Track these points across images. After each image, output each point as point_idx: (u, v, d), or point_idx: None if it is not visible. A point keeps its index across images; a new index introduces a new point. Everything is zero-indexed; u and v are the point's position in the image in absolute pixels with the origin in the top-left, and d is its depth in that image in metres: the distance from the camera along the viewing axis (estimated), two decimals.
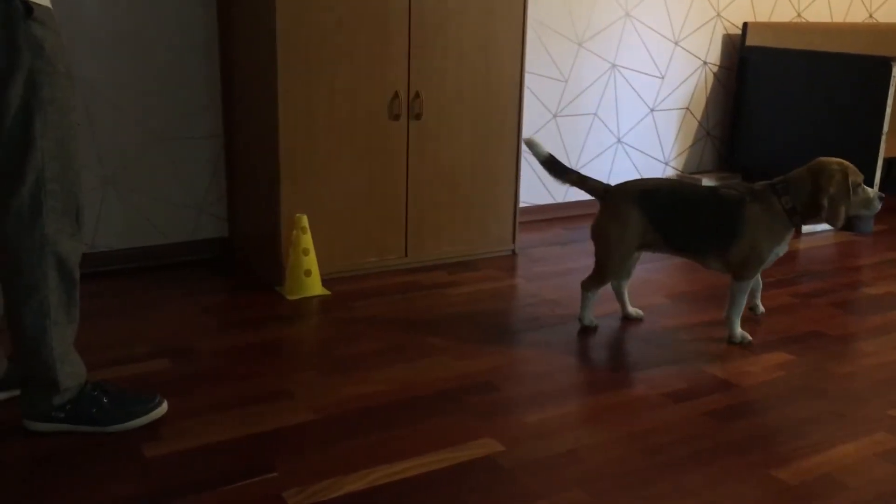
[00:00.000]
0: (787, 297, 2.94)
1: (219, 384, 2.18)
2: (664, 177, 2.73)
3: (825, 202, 2.34)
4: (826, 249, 3.56)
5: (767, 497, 1.73)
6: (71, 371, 1.89)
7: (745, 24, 4.20)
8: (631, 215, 2.46)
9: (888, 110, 3.65)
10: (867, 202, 2.40)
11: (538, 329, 2.60)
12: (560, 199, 3.93)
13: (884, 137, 3.69)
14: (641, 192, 2.47)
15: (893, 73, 3.60)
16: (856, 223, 3.77)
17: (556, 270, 3.17)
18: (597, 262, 2.58)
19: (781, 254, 2.49)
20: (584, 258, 3.28)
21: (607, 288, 2.67)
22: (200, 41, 3.03)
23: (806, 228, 3.74)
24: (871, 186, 3.71)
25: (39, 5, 1.69)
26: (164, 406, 2.01)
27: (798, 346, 2.53)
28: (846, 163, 2.39)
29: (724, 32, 4.23)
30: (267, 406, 2.07)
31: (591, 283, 2.60)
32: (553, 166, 2.58)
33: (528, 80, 3.67)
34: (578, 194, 3.94)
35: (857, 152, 3.74)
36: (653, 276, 3.13)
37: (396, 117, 2.95)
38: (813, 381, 2.29)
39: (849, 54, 3.86)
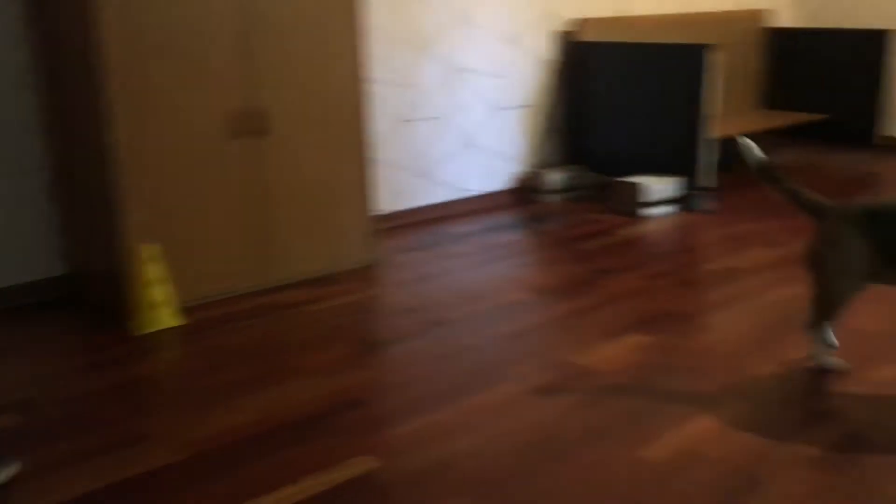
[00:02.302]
0: (637, 280, 3.07)
1: (75, 434, 2.05)
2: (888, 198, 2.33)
3: None
4: (670, 230, 3.75)
5: (634, 478, 1.80)
6: None
7: (580, 21, 4.36)
8: (853, 239, 2.10)
9: (709, 93, 3.89)
10: None
11: (401, 339, 2.60)
12: (420, 203, 3.95)
13: (707, 119, 3.92)
14: (865, 213, 2.10)
15: (706, 59, 3.83)
16: (693, 202, 3.99)
17: (415, 277, 3.18)
18: (820, 296, 2.19)
19: None
20: (444, 261, 3.31)
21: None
22: (13, 71, 2.84)
23: (651, 210, 3.93)
24: (696, 166, 3.95)
25: None
26: (15, 467, 1.87)
27: (652, 326, 2.64)
28: None
29: (562, 29, 4.38)
30: (129, 451, 1.96)
31: (817, 320, 2.23)
32: (765, 173, 2.26)
33: (374, 87, 3.66)
34: (440, 196, 3.98)
35: (687, 136, 3.98)
36: (515, 273, 3.20)
37: (239, 135, 2.87)
38: (668, 359, 2.41)
39: (671, 44, 4.08)
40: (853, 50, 5.17)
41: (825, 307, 2.18)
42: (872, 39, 5.06)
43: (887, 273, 2.10)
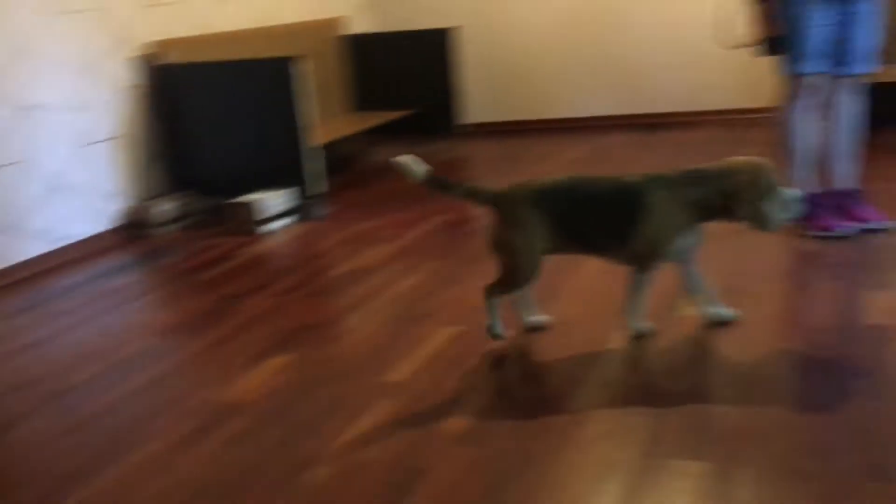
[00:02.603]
0: (268, 300, 3.02)
1: None
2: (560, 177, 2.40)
3: (745, 209, 2.19)
4: (288, 244, 3.75)
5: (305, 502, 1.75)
6: None
7: (159, 43, 4.15)
8: (530, 219, 2.27)
9: (303, 103, 3.95)
10: (786, 205, 2.23)
11: (14, 423, 2.26)
12: (10, 262, 3.47)
13: (307, 129, 3.98)
14: (536, 193, 2.29)
15: (293, 70, 3.90)
16: (308, 211, 4.03)
17: (19, 346, 2.79)
18: (505, 272, 2.35)
19: (691, 247, 2.34)
20: (51, 322, 2.95)
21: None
22: None
23: (268, 227, 3.89)
24: (304, 175, 4.00)
25: None
26: None
27: (291, 344, 2.61)
28: (759, 162, 2.24)
29: (142, 53, 4.13)
30: None
31: (497, 289, 2.39)
32: (435, 183, 2.34)
33: None
34: (34, 249, 3.53)
35: (291, 147, 4.00)
36: (136, 318, 2.95)
37: None
38: (313, 373, 2.39)
39: (257, 59, 4.07)
40: (425, 49, 5.61)
41: (512, 283, 2.36)
42: (438, 38, 5.54)
43: (566, 245, 2.32)
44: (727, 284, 2.66)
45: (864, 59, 2.99)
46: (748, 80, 5.09)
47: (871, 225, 3.02)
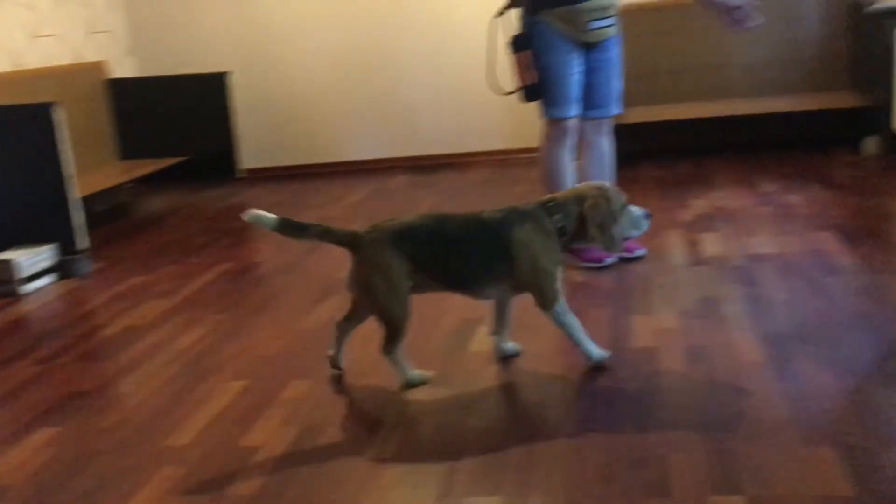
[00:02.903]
0: (31, 367, 2.75)
1: None
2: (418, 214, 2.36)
3: (594, 231, 2.28)
4: (52, 304, 3.45)
5: None
6: None
7: None
8: (391, 260, 2.22)
9: (63, 152, 3.68)
10: (635, 222, 2.37)
11: None
12: None
13: (68, 180, 3.70)
14: (395, 234, 2.24)
15: (53, 117, 3.62)
16: (72, 268, 3.73)
17: None
18: (383, 320, 2.28)
19: (560, 276, 2.35)
20: None
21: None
22: None
23: (28, 286, 3.56)
24: (67, 229, 3.72)
25: None
26: None
27: (60, 415, 2.38)
28: (606, 185, 2.36)
29: None
30: None
31: (391, 343, 2.29)
32: (290, 228, 2.28)
33: None
34: None
35: (51, 200, 3.70)
36: None
37: None
38: (87, 444, 2.19)
39: (9, 105, 3.75)
40: (197, 93, 5.44)
41: (392, 328, 2.28)
42: (214, 82, 5.39)
43: (427, 283, 2.30)
44: (515, 318, 2.76)
45: (612, 102, 3.27)
46: (517, 122, 5.39)
47: (632, 254, 3.26)
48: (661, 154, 5.13)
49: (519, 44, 3.14)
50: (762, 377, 2.18)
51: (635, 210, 2.38)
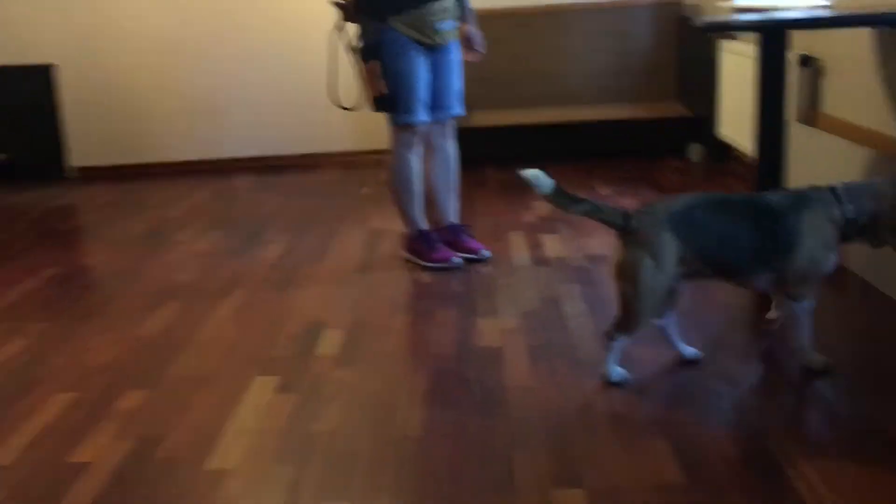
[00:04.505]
0: None
1: None
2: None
3: (889, 233, 2.10)
4: None
5: None
6: None
7: None
8: (666, 244, 2.07)
9: None
10: None
11: None
12: None
13: None
14: (673, 215, 2.08)
15: None
16: None
17: None
18: (630, 307, 2.13)
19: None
20: None
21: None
22: None
23: None
24: None
25: None
26: None
27: None
28: None
29: None
30: None
31: (622, 330, 2.17)
32: (562, 197, 2.12)
33: None
34: None
35: None
36: None
37: None
38: None
39: None
40: (22, 86, 5.07)
41: (634, 317, 2.14)
42: (38, 74, 5.04)
43: (699, 269, 2.14)
44: (358, 320, 2.74)
45: (455, 103, 3.30)
46: (364, 123, 5.37)
47: (477, 255, 3.32)
48: (505, 158, 5.26)
49: (368, 53, 3.11)
50: (600, 373, 2.27)
51: None
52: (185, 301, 3.05)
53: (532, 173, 2.11)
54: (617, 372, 2.22)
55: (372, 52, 3.10)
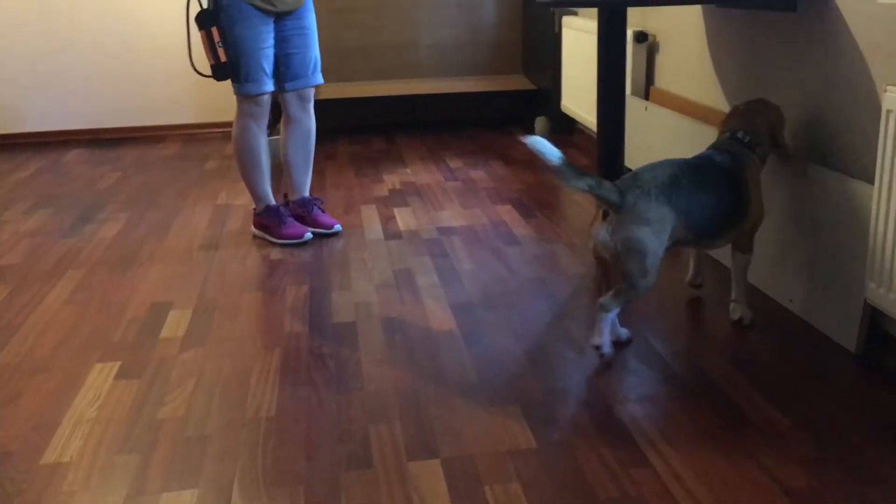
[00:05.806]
0: None
1: None
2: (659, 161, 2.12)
3: (784, 137, 2.35)
4: None
5: None
6: None
7: None
8: (666, 217, 2.10)
9: None
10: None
11: None
12: None
13: None
14: (665, 187, 2.11)
15: None
16: None
17: None
18: (632, 278, 2.10)
19: None
20: None
21: None
22: None
23: None
24: None
25: None
26: None
27: None
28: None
29: None
30: None
31: (618, 299, 2.14)
32: (568, 171, 2.01)
33: None
34: None
35: None
36: None
37: None
38: None
39: None
40: None
41: (634, 286, 2.11)
42: None
43: (682, 237, 2.16)
44: (206, 299, 2.64)
45: (312, 72, 3.21)
46: (208, 95, 5.16)
47: (329, 230, 3.27)
48: (356, 130, 5.21)
49: (204, 20, 2.97)
50: (453, 344, 2.29)
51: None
52: (12, 284, 2.84)
53: (538, 142, 1.99)
54: (608, 344, 2.20)
55: (209, 19, 2.96)
